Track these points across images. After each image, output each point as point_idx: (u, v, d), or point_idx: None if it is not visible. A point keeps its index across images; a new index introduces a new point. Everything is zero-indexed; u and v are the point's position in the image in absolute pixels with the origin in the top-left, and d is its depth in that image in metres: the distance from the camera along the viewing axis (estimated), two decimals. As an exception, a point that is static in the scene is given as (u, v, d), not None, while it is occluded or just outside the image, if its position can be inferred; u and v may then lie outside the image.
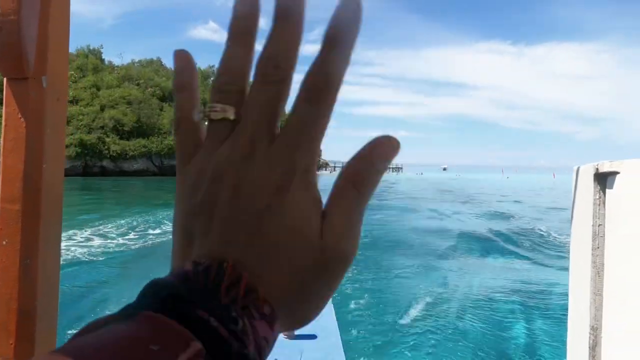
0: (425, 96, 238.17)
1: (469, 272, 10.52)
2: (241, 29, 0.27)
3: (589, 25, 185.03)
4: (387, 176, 64.61)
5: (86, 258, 11.11)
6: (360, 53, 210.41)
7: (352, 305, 8.02)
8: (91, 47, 55.53)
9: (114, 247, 12.53)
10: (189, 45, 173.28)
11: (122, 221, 16.63)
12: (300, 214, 0.25)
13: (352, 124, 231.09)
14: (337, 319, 5.16)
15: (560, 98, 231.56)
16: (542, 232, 15.87)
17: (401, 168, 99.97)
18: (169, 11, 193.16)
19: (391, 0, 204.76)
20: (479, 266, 11.18)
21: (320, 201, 0.26)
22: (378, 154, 0.26)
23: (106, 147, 40.69)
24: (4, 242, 0.73)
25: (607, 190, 1.55)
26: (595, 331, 1.56)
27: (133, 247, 12.73)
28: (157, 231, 14.82)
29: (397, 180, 53.42)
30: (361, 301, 8.23)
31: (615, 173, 1.48)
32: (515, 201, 28.83)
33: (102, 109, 43.12)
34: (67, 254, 10.86)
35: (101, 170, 41.03)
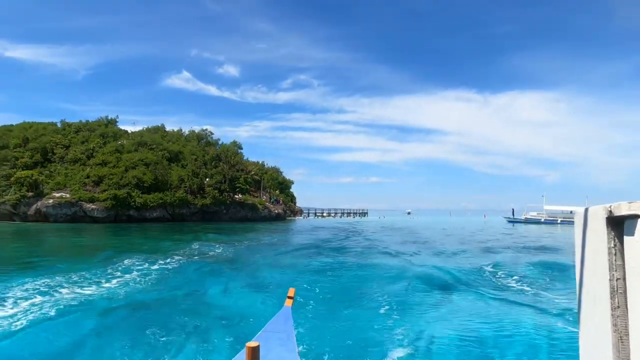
0: (397, 142, 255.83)
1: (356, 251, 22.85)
2: None
3: (546, 76, 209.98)
4: (352, 220, 77.44)
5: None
6: (332, 101, 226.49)
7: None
8: (109, 117, 67.74)
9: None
10: (163, 94, 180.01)
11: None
12: None
13: (325, 171, 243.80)
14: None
15: (525, 144, 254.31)
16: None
17: (367, 213, 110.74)
18: (142, 62, 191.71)
19: (360, 52, 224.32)
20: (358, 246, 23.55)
21: None
22: None
23: (133, 200, 51.92)
24: None
25: (626, 238, 1.27)
26: None
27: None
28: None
29: (360, 222, 66.27)
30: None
31: (636, 217, 1.21)
32: (429, 228, 42.00)
33: (126, 169, 54.56)
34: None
35: (128, 217, 52.10)
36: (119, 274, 14.76)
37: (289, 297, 5.30)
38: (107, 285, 12.87)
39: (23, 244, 27.38)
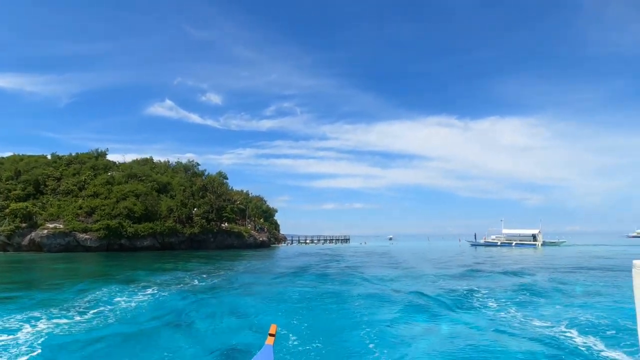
0: (380, 168, 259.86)
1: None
2: None
3: (524, 101, 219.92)
4: (334, 246, 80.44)
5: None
6: (315, 128, 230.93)
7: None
8: (99, 150, 70.33)
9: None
10: (147, 122, 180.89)
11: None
12: None
13: (309, 197, 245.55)
14: None
15: (507, 168, 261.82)
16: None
17: (348, 239, 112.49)
18: (125, 90, 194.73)
19: (343, 79, 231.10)
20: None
21: None
22: None
23: (124, 229, 54.15)
24: None
25: None
26: None
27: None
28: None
29: (342, 248, 69.40)
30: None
31: None
32: (404, 253, 45.56)
33: (118, 200, 56.93)
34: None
35: (119, 246, 54.21)
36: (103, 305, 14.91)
37: (271, 335, 4.78)
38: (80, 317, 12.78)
39: (36, 272, 29.67)
